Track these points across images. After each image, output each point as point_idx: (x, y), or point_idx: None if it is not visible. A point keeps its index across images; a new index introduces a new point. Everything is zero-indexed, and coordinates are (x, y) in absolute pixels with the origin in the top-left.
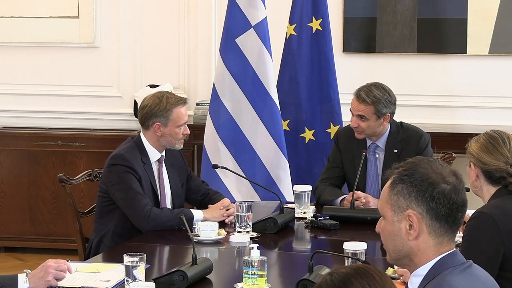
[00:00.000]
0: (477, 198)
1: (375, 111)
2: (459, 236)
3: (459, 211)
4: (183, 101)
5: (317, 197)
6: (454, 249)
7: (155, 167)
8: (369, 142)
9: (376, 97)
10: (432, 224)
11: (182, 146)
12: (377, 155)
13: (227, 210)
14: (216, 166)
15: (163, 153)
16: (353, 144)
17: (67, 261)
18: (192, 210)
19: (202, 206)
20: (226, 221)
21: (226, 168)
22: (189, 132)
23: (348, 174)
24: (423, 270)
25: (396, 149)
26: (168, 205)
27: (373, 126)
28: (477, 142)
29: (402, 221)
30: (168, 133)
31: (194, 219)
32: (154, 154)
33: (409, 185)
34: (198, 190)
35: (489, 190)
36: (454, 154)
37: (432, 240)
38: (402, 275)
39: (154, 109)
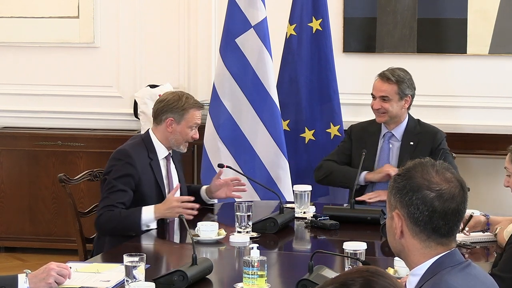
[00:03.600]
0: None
1: (398, 91)
2: (459, 236)
3: (442, 219)
4: (200, 105)
5: (325, 173)
6: (453, 248)
7: (162, 164)
8: (384, 131)
9: (400, 76)
10: (413, 228)
11: (186, 150)
12: (390, 145)
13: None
14: (221, 165)
15: (171, 151)
16: (367, 134)
17: (70, 267)
18: (143, 208)
19: None
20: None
21: (232, 168)
22: (198, 136)
23: (355, 164)
24: (421, 269)
25: (412, 142)
26: None
27: (395, 107)
28: None
29: (393, 218)
30: (179, 131)
31: (142, 221)
32: (162, 151)
33: (396, 186)
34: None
35: None
36: (454, 154)
37: (417, 243)
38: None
39: (172, 104)
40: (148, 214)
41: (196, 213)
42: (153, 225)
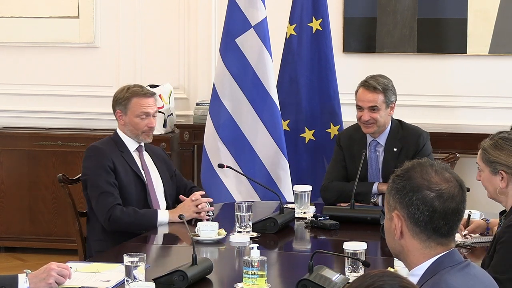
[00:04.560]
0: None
1: (385, 99)
2: (458, 237)
3: (443, 219)
4: (145, 93)
5: (336, 194)
6: (453, 248)
7: (136, 156)
8: (369, 139)
9: (385, 84)
10: (413, 228)
11: (150, 140)
12: (377, 153)
13: (198, 205)
14: (221, 165)
15: (142, 144)
16: (354, 144)
17: (70, 267)
18: (158, 211)
19: None
20: (203, 217)
21: (232, 168)
22: (154, 124)
23: (351, 173)
24: (420, 269)
25: (395, 148)
26: (161, 192)
27: (383, 116)
28: (500, 148)
29: (392, 219)
30: (129, 122)
31: (158, 222)
32: (131, 144)
33: (396, 187)
34: (186, 187)
35: None
36: (458, 154)
37: (417, 243)
38: None
39: (117, 97)
40: (164, 218)
41: (212, 209)
42: None
